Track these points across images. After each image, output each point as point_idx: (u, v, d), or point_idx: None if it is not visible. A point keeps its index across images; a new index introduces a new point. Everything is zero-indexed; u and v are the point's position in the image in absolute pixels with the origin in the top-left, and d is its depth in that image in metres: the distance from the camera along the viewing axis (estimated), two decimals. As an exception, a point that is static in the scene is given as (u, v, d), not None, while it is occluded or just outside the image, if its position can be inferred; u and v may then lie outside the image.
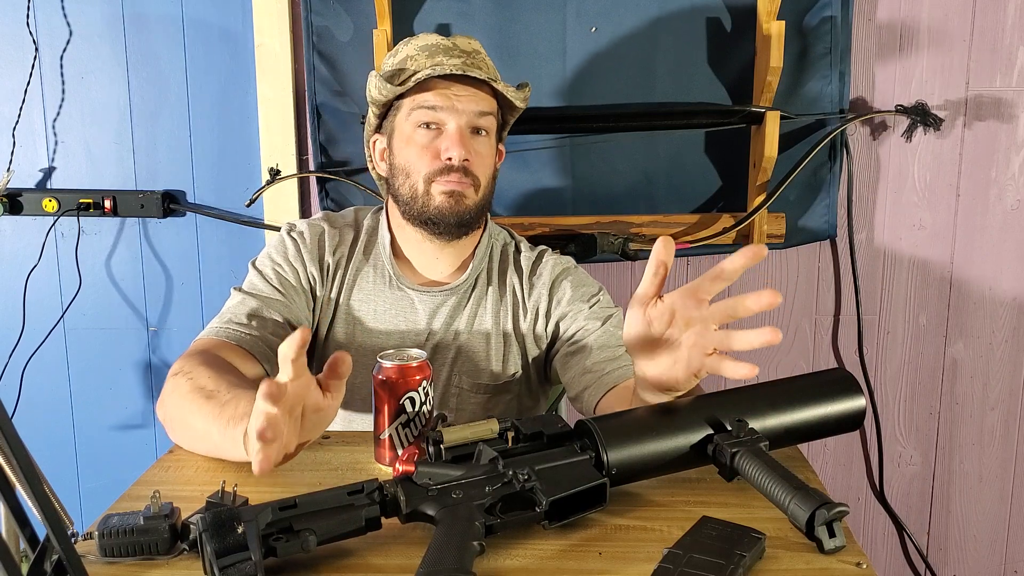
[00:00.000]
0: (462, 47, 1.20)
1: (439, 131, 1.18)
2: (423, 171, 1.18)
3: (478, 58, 1.20)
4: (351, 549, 0.75)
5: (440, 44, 1.19)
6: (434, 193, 1.18)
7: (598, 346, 1.17)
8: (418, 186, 1.18)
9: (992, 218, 1.78)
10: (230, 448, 0.88)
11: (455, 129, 1.17)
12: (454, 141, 1.16)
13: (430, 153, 1.18)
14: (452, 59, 1.17)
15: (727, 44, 1.70)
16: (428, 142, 1.18)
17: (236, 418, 0.87)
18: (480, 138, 1.20)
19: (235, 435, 0.86)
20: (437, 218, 1.19)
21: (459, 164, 1.16)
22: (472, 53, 1.20)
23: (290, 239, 1.25)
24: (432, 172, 1.17)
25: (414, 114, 1.18)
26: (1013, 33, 1.70)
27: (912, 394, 1.86)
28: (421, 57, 1.18)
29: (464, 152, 1.16)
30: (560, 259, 1.31)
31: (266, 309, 1.18)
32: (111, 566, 0.74)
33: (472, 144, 1.18)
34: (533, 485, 0.77)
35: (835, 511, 0.73)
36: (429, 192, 1.18)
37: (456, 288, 1.25)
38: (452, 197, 1.17)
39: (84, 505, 1.91)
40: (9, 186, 1.76)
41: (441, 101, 1.16)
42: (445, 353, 1.25)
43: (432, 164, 1.17)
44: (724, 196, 1.77)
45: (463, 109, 1.17)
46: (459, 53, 1.19)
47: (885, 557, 1.93)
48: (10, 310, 1.81)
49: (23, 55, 1.74)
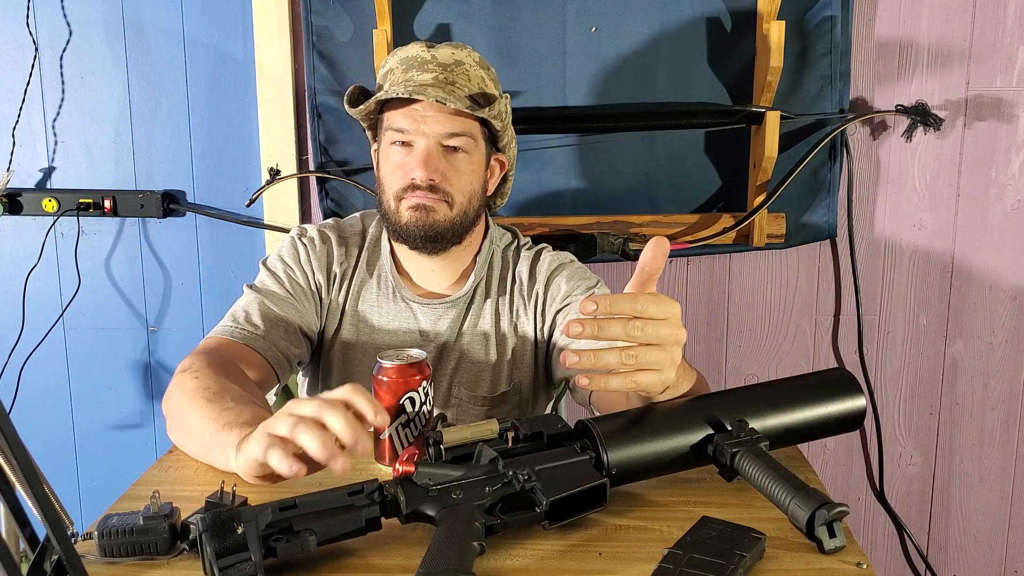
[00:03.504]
0: (441, 59, 1.17)
1: (411, 148, 1.18)
2: (393, 188, 1.19)
3: (457, 71, 1.17)
4: (351, 549, 0.75)
5: (418, 57, 1.17)
6: (402, 210, 1.19)
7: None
8: (390, 203, 1.20)
9: (992, 218, 1.78)
10: (217, 453, 0.88)
11: (422, 149, 1.16)
12: (418, 161, 1.16)
13: (401, 171, 1.18)
14: (424, 74, 1.16)
15: (727, 44, 1.70)
16: (400, 160, 1.19)
17: (233, 424, 0.87)
18: (458, 155, 1.19)
19: (226, 440, 0.86)
20: (406, 233, 1.19)
21: (423, 183, 1.17)
22: (451, 66, 1.17)
23: (300, 243, 1.26)
24: (400, 190, 1.18)
25: (387, 134, 1.20)
26: (1013, 33, 1.70)
27: (912, 394, 1.86)
28: (398, 71, 1.18)
29: (427, 172, 1.16)
30: (558, 255, 1.30)
31: (277, 310, 1.19)
32: (111, 566, 0.74)
33: (444, 162, 1.17)
34: (533, 485, 0.77)
35: (835, 511, 0.73)
36: (398, 210, 1.19)
37: (456, 301, 1.25)
38: (418, 211, 1.18)
39: (84, 505, 1.91)
40: (9, 186, 1.76)
41: (408, 123, 1.16)
42: (445, 365, 1.26)
43: (401, 181, 1.18)
44: (724, 196, 1.76)
45: (430, 132, 1.16)
46: (434, 67, 1.16)
47: (885, 557, 1.92)
48: (10, 310, 1.81)
49: (23, 55, 1.74)
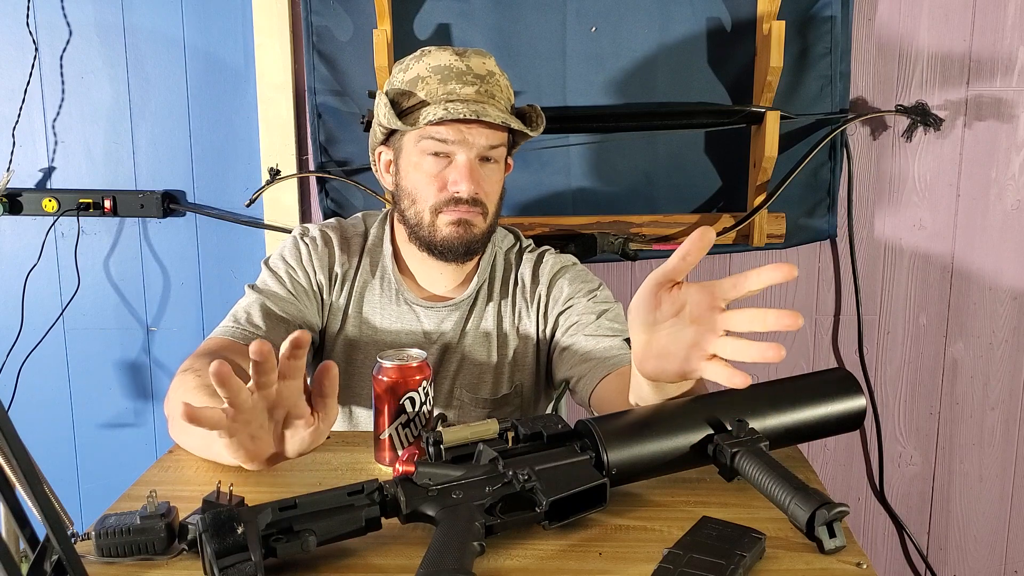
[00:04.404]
0: (476, 70, 1.14)
1: (448, 160, 1.15)
2: (430, 201, 1.16)
3: (491, 82, 1.15)
4: (351, 549, 0.75)
5: (454, 67, 1.14)
6: (440, 224, 1.16)
7: (594, 336, 1.17)
8: (424, 215, 1.17)
9: (992, 218, 1.78)
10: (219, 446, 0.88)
11: (465, 163, 1.13)
12: (463, 175, 1.13)
13: (438, 183, 1.15)
14: (466, 87, 1.13)
15: (727, 44, 1.70)
16: (437, 171, 1.15)
17: None
18: (490, 165, 1.17)
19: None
20: (443, 247, 1.17)
21: (468, 197, 1.14)
22: (486, 77, 1.15)
23: (303, 243, 1.25)
24: (439, 203, 1.15)
25: (424, 142, 1.15)
26: (1013, 33, 1.70)
27: (912, 394, 1.86)
28: (433, 81, 1.14)
29: (474, 187, 1.14)
30: (560, 258, 1.30)
31: (279, 310, 1.18)
32: (111, 566, 0.73)
33: (481, 174, 1.16)
34: (533, 485, 0.77)
35: (835, 511, 0.73)
36: (435, 223, 1.16)
37: (459, 303, 1.25)
38: (460, 227, 1.16)
39: (84, 505, 1.91)
40: (9, 186, 1.76)
41: (453, 135, 1.13)
42: (448, 366, 1.26)
43: (439, 195, 1.15)
44: (724, 196, 1.77)
45: (474, 143, 1.13)
46: (473, 79, 1.13)
47: (885, 557, 1.92)
48: (9, 310, 1.81)
49: (23, 55, 1.74)
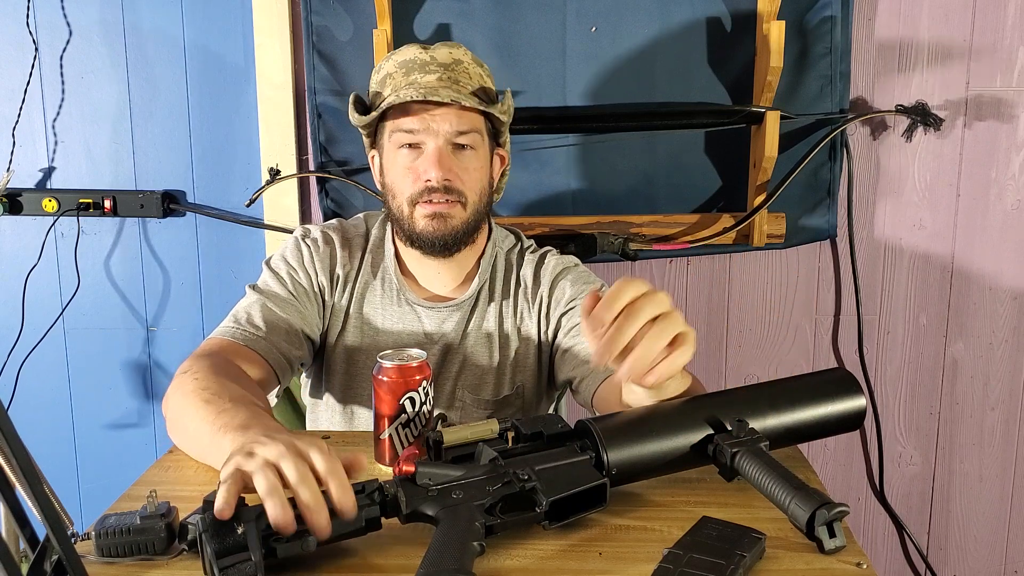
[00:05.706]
0: (440, 59, 1.17)
1: (420, 151, 1.18)
2: (407, 193, 1.18)
3: (458, 69, 1.18)
4: (351, 549, 0.75)
5: (417, 59, 1.17)
6: (417, 216, 1.18)
7: None
8: (404, 208, 1.19)
9: (992, 218, 1.78)
10: (215, 455, 0.87)
11: (433, 150, 1.16)
12: (432, 162, 1.16)
13: (412, 175, 1.18)
14: (427, 75, 1.16)
15: (727, 44, 1.70)
16: (409, 163, 1.18)
17: (229, 427, 0.87)
18: (465, 153, 1.19)
19: (221, 444, 0.85)
20: (421, 240, 1.19)
21: (439, 184, 1.16)
22: (451, 65, 1.18)
23: (304, 244, 1.25)
24: (415, 194, 1.18)
25: (394, 136, 1.19)
26: (1013, 33, 1.70)
27: (912, 394, 1.86)
28: (399, 75, 1.18)
29: (442, 172, 1.16)
30: (562, 259, 1.30)
31: (279, 311, 1.18)
32: (111, 566, 0.73)
33: (455, 161, 1.17)
34: (533, 485, 0.77)
35: (835, 511, 0.73)
36: (413, 216, 1.19)
37: (460, 304, 1.25)
38: (435, 220, 1.18)
39: (84, 505, 1.91)
40: (9, 186, 1.76)
41: (418, 124, 1.16)
42: (449, 367, 1.25)
43: (414, 186, 1.18)
44: (724, 196, 1.76)
45: (439, 130, 1.16)
46: (436, 67, 1.17)
47: (885, 557, 1.92)
48: (9, 310, 1.80)
49: (23, 55, 1.74)
